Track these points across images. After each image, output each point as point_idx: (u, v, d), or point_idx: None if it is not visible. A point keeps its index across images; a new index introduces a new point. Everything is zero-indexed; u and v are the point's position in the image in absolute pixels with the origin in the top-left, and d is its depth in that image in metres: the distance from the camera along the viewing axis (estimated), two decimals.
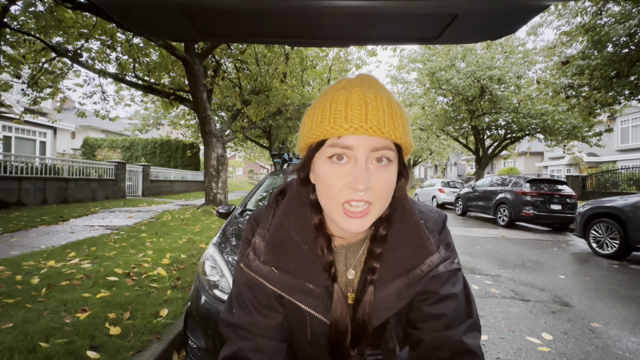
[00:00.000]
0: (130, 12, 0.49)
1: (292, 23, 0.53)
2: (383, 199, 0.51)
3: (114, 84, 8.37)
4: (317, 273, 0.58)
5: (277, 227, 0.60)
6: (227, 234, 2.09)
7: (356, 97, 0.49)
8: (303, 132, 0.55)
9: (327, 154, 0.51)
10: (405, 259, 0.57)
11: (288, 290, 0.57)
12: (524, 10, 0.47)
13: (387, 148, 0.50)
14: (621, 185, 13.41)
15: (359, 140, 0.48)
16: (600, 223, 5.25)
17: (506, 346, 2.22)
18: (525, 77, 13.58)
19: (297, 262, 0.58)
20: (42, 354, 1.64)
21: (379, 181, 0.50)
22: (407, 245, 0.58)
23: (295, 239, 0.59)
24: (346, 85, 0.52)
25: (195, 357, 1.53)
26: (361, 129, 0.47)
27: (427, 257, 0.57)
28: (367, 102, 0.49)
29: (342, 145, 0.49)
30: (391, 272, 0.57)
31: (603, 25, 6.83)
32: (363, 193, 0.48)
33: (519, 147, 23.11)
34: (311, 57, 9.67)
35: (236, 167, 50.92)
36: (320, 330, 0.60)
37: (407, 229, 0.59)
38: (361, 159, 0.49)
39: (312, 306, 0.57)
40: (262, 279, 0.58)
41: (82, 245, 4.01)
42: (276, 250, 0.58)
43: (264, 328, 0.61)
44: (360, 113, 0.48)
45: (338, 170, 0.50)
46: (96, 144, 17.55)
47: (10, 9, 5.25)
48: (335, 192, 0.50)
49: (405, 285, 0.56)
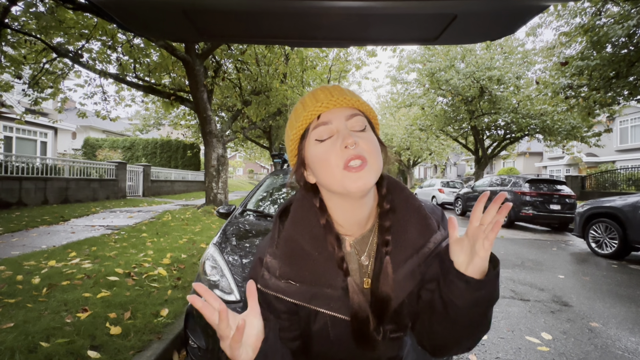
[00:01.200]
0: (131, 12, 0.49)
1: (292, 24, 0.53)
2: (374, 154, 0.56)
3: (115, 85, 8.37)
4: (332, 276, 0.59)
5: (286, 241, 0.62)
6: (227, 234, 2.10)
7: (320, 88, 0.60)
8: (288, 135, 0.62)
9: (314, 136, 0.58)
10: (414, 239, 0.61)
11: (309, 299, 0.59)
12: (524, 11, 0.48)
13: (358, 115, 0.58)
14: (620, 186, 13.41)
15: (333, 113, 0.57)
16: (600, 223, 5.25)
17: (505, 346, 2.22)
18: (525, 77, 13.58)
19: (311, 270, 0.59)
20: (43, 354, 1.65)
21: (363, 140, 0.56)
22: (413, 226, 0.62)
23: (306, 248, 0.60)
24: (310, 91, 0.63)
25: (195, 357, 1.54)
26: (330, 102, 0.56)
27: (432, 235, 0.61)
28: (327, 88, 0.60)
29: (323, 122, 0.57)
30: (404, 254, 0.60)
31: (602, 26, 6.84)
32: (354, 147, 0.54)
33: (518, 148, 23.10)
34: (311, 58, 9.67)
35: (236, 167, 50.89)
36: (342, 328, 0.61)
37: (411, 211, 0.63)
38: (341, 126, 0.56)
39: (334, 309, 0.59)
40: (282, 295, 0.59)
41: (83, 245, 4.01)
42: (290, 262, 0.60)
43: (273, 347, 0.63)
44: (325, 93, 0.58)
45: (326, 144, 0.56)
46: (97, 144, 17.55)
47: (11, 9, 5.26)
48: (333, 160, 0.55)
49: (416, 264, 0.60)
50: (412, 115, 18.16)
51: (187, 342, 1.60)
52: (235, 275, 1.65)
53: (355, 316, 0.58)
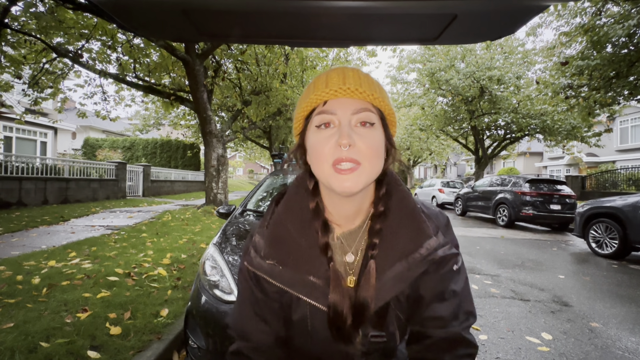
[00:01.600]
0: (130, 12, 0.49)
1: (292, 23, 0.53)
2: (371, 158, 0.52)
3: (115, 85, 8.37)
4: (316, 264, 0.58)
5: (275, 223, 0.62)
6: (227, 234, 2.10)
7: (335, 71, 0.56)
8: (296, 111, 0.59)
9: (315, 122, 0.55)
10: (404, 243, 0.58)
11: (291, 285, 0.58)
12: (524, 11, 0.48)
13: (367, 110, 0.54)
14: (620, 186, 13.41)
15: (340, 104, 0.53)
16: (600, 223, 5.25)
17: (506, 346, 2.22)
18: (525, 77, 13.58)
19: (295, 256, 0.59)
20: (43, 354, 1.64)
21: (364, 139, 0.52)
22: (405, 230, 0.59)
23: (293, 233, 0.60)
24: (330, 69, 0.59)
25: (195, 357, 1.54)
26: (340, 90, 0.52)
27: (425, 241, 0.58)
28: (344, 72, 0.55)
29: (327, 112, 0.54)
30: (391, 258, 0.58)
31: (602, 26, 6.83)
32: (348, 149, 0.51)
33: (518, 148, 23.11)
34: (311, 58, 9.67)
35: (236, 167, 50.90)
36: (321, 320, 0.60)
37: (405, 213, 0.60)
38: (344, 120, 0.53)
39: (314, 297, 0.58)
40: (264, 274, 0.59)
41: (83, 245, 4.01)
42: (275, 245, 0.60)
43: (261, 333, 0.64)
44: (339, 78, 0.54)
45: (325, 134, 0.54)
46: (97, 144, 17.56)
47: (11, 9, 5.26)
48: (325, 154, 0.53)
49: (405, 269, 0.57)
50: (412, 115, 18.16)
51: (187, 342, 1.60)
52: (235, 275, 1.65)
53: (334, 306, 0.57)
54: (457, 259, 0.62)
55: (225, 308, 1.52)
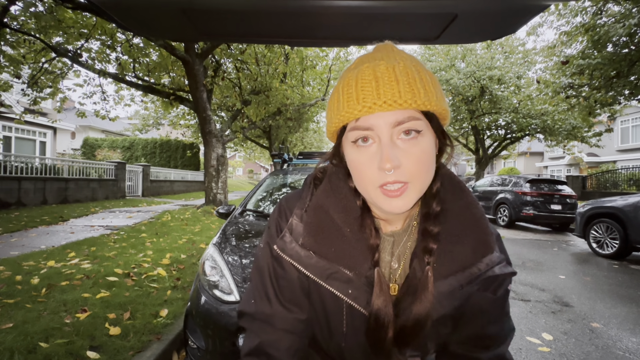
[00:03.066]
0: (130, 12, 0.49)
1: (292, 23, 0.52)
2: (419, 174, 0.46)
3: (114, 84, 8.37)
4: (359, 260, 0.52)
5: (316, 209, 0.55)
6: (227, 234, 2.09)
7: (365, 74, 0.46)
8: (327, 119, 0.53)
9: (351, 138, 0.48)
10: (465, 253, 0.51)
11: (326, 277, 0.52)
12: (524, 10, 0.47)
13: (411, 119, 0.45)
14: (621, 186, 13.40)
15: (378, 119, 0.45)
16: (600, 223, 5.24)
17: None
18: (525, 77, 13.58)
19: (338, 247, 0.52)
20: (42, 354, 1.64)
21: (410, 156, 0.45)
22: (468, 239, 0.52)
23: (337, 221, 0.53)
24: (358, 63, 0.50)
25: (195, 358, 1.53)
26: (375, 106, 0.44)
27: (487, 255, 0.51)
28: (376, 77, 0.45)
29: (362, 127, 0.46)
30: (447, 268, 0.51)
31: (603, 25, 6.83)
32: (393, 172, 0.45)
33: (519, 147, 23.11)
34: (311, 57, 9.67)
35: (236, 167, 50.90)
36: (358, 324, 0.55)
37: (471, 221, 0.53)
38: (384, 137, 0.45)
39: (351, 296, 0.52)
40: (297, 263, 0.53)
41: (82, 245, 4.01)
42: (316, 233, 0.53)
43: (285, 322, 0.57)
44: (372, 89, 0.45)
45: (365, 154, 0.47)
46: (96, 144, 17.55)
47: (10, 9, 5.25)
48: (368, 177, 0.47)
49: (459, 285, 0.51)
50: None
51: (186, 343, 1.60)
52: (235, 276, 1.65)
53: (376, 315, 0.50)
54: (511, 278, 0.56)
55: (225, 308, 1.52)
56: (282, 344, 0.56)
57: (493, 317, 0.57)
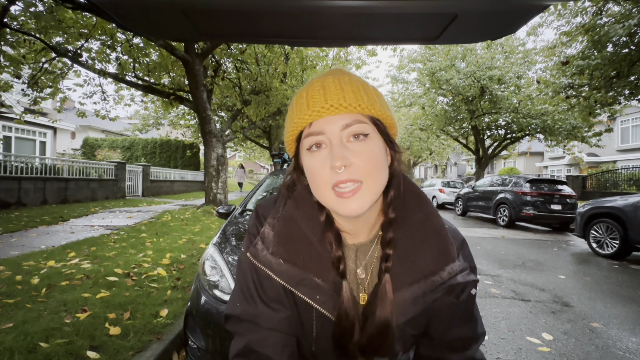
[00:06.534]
0: (130, 12, 0.49)
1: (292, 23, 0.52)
2: (371, 173, 0.49)
3: (114, 84, 8.37)
4: (326, 268, 0.55)
5: (286, 219, 0.58)
6: (227, 234, 2.09)
7: (315, 86, 0.52)
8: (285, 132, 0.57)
9: (306, 145, 0.52)
10: (426, 262, 0.54)
11: (295, 284, 0.55)
12: (524, 10, 0.47)
13: (357, 122, 0.50)
14: (621, 185, 13.41)
15: (327, 123, 0.49)
16: (601, 223, 5.25)
17: (506, 346, 2.22)
18: (525, 77, 13.57)
19: (305, 256, 0.55)
20: (42, 354, 1.64)
21: (359, 155, 0.49)
22: (430, 248, 0.55)
23: (305, 232, 0.56)
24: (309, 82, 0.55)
25: (195, 357, 1.53)
26: (322, 109, 0.49)
27: (449, 264, 0.54)
28: (324, 86, 0.51)
29: (314, 133, 0.50)
30: (409, 276, 0.54)
31: (603, 25, 6.83)
32: (343, 170, 0.48)
33: (519, 147, 23.11)
34: (311, 57, 9.66)
35: (236, 167, 50.89)
36: (327, 328, 0.57)
37: (431, 231, 0.56)
38: (335, 139, 0.49)
39: (319, 302, 0.54)
40: (269, 270, 0.56)
41: (82, 245, 4.01)
42: (285, 242, 0.56)
43: (271, 321, 0.58)
44: (320, 97, 0.50)
45: (318, 157, 0.50)
46: (96, 144, 17.55)
47: (10, 9, 5.25)
48: (322, 178, 0.50)
49: (422, 293, 0.53)
50: (413, 114, 18.16)
51: (186, 343, 1.60)
52: (235, 276, 1.65)
53: (339, 321, 0.53)
54: (475, 285, 0.58)
55: (225, 308, 1.52)
56: (269, 341, 0.57)
57: (459, 321, 0.59)
